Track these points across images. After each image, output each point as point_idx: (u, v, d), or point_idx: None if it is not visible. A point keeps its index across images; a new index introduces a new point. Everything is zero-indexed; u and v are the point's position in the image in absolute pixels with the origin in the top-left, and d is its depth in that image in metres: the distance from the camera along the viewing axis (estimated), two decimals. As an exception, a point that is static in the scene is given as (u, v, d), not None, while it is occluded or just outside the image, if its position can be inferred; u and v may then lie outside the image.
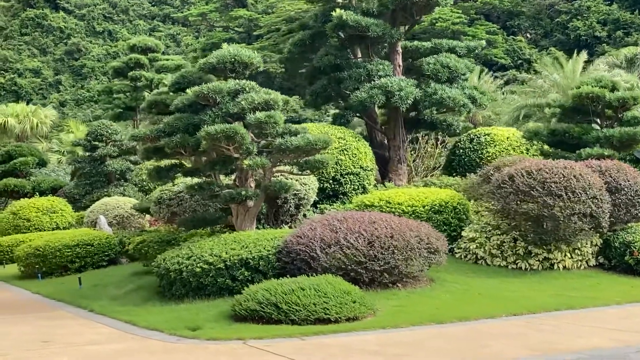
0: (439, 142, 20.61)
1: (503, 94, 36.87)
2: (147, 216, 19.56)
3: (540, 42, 53.35)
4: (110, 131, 24.95)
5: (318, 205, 16.10)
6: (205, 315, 10.51)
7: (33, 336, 10.02)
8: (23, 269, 17.65)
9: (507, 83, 42.29)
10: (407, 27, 18.49)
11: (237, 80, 13.14)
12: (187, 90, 13.16)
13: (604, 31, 49.18)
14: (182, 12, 68.11)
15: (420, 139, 20.17)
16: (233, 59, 13.25)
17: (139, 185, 24.26)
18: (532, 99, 33.12)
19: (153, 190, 22.17)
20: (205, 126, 12.27)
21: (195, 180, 14.02)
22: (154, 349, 8.89)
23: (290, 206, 14.82)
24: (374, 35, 17.01)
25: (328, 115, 35.62)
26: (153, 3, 75.21)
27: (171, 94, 16.56)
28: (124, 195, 23.05)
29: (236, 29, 56.01)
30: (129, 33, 69.19)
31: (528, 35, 55.47)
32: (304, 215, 15.33)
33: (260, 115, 12.40)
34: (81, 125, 42.69)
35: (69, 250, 16.94)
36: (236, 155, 12.74)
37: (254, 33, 50.36)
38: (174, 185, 15.65)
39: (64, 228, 22.10)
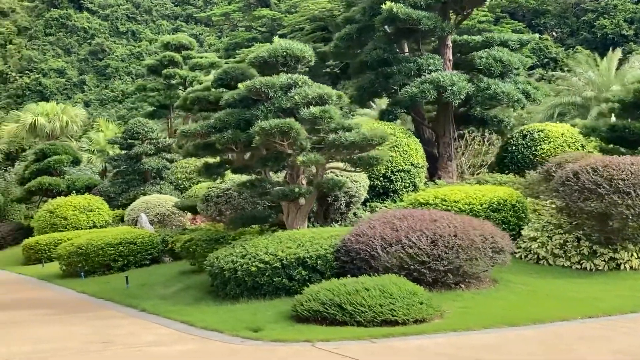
0: (485, 139, 20.06)
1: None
2: (189, 214, 19.28)
3: (566, 40, 52.57)
4: (146, 129, 24.75)
5: (368, 203, 15.70)
6: (263, 316, 10.21)
7: (91, 337, 9.83)
8: (65, 267, 17.44)
9: (536, 81, 41.66)
10: (457, 20, 17.95)
11: (289, 75, 12.78)
12: (239, 85, 12.82)
13: (631, 30, 48.30)
14: (205, 12, 68.12)
15: (467, 135, 19.64)
16: (285, 53, 12.92)
17: (174, 183, 24.02)
18: (566, 97, 32.53)
19: (189, 188, 21.95)
20: (259, 121, 11.94)
21: (246, 177, 13.69)
22: (219, 351, 8.61)
23: (340, 204, 14.44)
24: (425, 29, 16.52)
25: (353, 114, 35.18)
26: (176, 3, 75.29)
27: (213, 90, 16.27)
28: (160, 193, 22.80)
29: (259, 28, 55.90)
30: (152, 33, 69.42)
31: (554, 33, 54.70)
32: (354, 214, 14.96)
33: (314, 110, 12.03)
34: (111, 124, 42.67)
35: (112, 248, 16.75)
36: (289, 151, 12.37)
37: (278, 33, 50.09)
38: (221, 183, 15.33)
39: (101, 226, 21.94)
